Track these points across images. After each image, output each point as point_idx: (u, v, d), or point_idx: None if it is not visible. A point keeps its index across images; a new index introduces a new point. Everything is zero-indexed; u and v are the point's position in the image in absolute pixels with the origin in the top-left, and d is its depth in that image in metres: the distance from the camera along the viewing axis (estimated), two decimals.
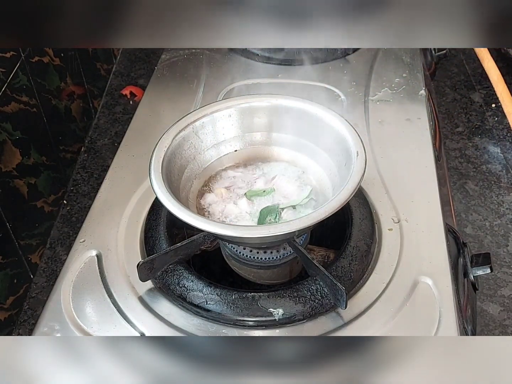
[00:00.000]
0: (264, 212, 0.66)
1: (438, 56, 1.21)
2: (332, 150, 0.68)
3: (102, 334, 0.63)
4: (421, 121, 0.91)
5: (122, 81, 1.48)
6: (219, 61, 1.08)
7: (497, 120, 1.47)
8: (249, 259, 0.67)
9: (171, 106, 0.97)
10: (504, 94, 1.08)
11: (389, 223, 0.74)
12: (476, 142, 1.42)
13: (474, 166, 1.35)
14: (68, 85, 1.21)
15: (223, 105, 0.71)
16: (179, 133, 0.68)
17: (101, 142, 1.31)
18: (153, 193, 0.62)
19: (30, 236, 1.02)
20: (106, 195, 0.80)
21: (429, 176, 0.81)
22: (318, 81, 1.01)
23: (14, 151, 0.97)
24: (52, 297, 0.67)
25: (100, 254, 0.72)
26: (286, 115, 0.71)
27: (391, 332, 0.62)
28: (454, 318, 0.63)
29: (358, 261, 0.67)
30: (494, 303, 1.07)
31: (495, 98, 1.42)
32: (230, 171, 0.72)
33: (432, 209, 0.76)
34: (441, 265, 0.68)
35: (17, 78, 0.98)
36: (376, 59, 1.06)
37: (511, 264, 1.14)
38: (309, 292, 0.64)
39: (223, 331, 0.63)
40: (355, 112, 0.94)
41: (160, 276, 0.67)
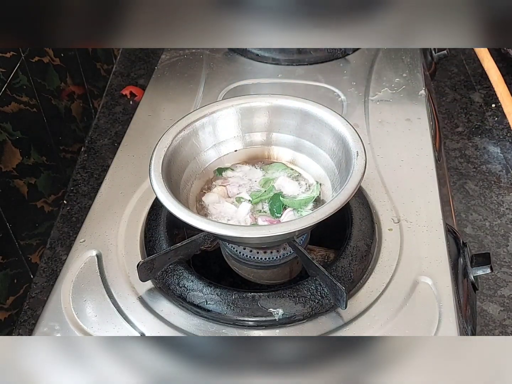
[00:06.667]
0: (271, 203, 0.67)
1: (438, 56, 1.21)
2: (332, 150, 0.68)
3: (102, 334, 0.63)
4: (421, 121, 0.91)
5: (122, 81, 1.48)
6: (219, 61, 1.08)
7: (497, 120, 1.47)
8: (249, 259, 0.67)
9: (171, 106, 0.97)
10: (504, 94, 1.08)
11: (389, 223, 0.74)
12: (476, 142, 1.42)
13: (474, 166, 1.35)
14: (68, 85, 1.21)
15: (223, 105, 0.71)
16: (179, 133, 0.67)
17: (101, 142, 1.31)
18: (153, 193, 0.62)
19: (30, 236, 1.02)
20: (106, 195, 0.80)
21: (429, 176, 0.81)
22: (318, 81, 1.01)
23: (14, 151, 0.97)
24: (52, 297, 0.67)
25: (100, 254, 0.72)
26: (286, 115, 0.71)
27: (391, 332, 0.62)
28: (454, 318, 0.63)
29: (358, 261, 0.67)
30: (494, 303, 1.07)
31: (495, 98, 1.42)
32: (230, 171, 0.72)
33: (432, 209, 0.76)
34: (441, 265, 0.68)
35: (17, 78, 0.98)
36: (376, 59, 1.06)
37: (511, 264, 1.14)
38: (309, 292, 0.64)
39: (223, 331, 0.63)
40: (355, 112, 0.94)
41: (160, 276, 0.67)
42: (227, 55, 1.10)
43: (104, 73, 1.45)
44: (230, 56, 1.09)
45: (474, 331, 0.73)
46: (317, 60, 1.05)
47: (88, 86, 1.33)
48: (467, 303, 0.73)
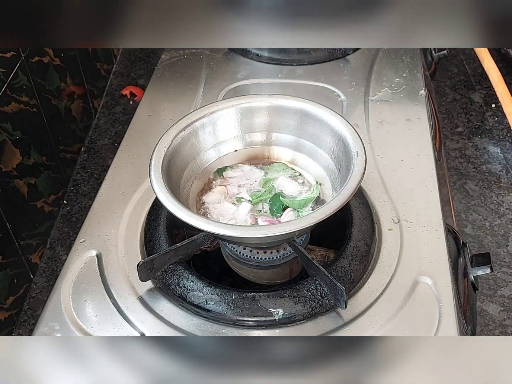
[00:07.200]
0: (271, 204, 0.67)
1: (438, 56, 1.21)
2: (332, 150, 0.68)
3: (102, 334, 0.63)
4: (421, 121, 0.91)
5: (122, 81, 1.48)
6: (219, 61, 1.08)
7: (497, 120, 1.47)
8: (249, 259, 0.67)
9: (171, 106, 0.97)
10: (504, 94, 1.08)
11: (389, 223, 0.74)
12: (476, 142, 1.42)
13: (474, 166, 1.35)
14: (68, 85, 1.21)
15: (223, 105, 0.71)
16: (179, 133, 0.67)
17: (101, 142, 1.31)
18: (153, 193, 0.62)
19: (30, 236, 1.02)
20: (106, 195, 0.80)
21: (429, 176, 0.81)
22: (318, 81, 1.01)
23: (14, 151, 0.97)
24: (52, 297, 0.67)
25: (100, 254, 0.72)
26: (286, 115, 0.71)
27: (391, 332, 0.62)
28: (454, 318, 0.63)
29: (358, 261, 0.67)
30: (494, 303, 1.07)
31: (495, 98, 1.42)
32: (230, 171, 0.72)
33: (432, 209, 0.76)
34: (441, 265, 0.68)
35: (17, 78, 0.98)
36: (376, 59, 1.06)
37: (511, 264, 1.14)
38: (309, 292, 0.64)
39: (223, 331, 0.63)
40: (355, 112, 0.94)
41: (160, 276, 0.67)
42: (227, 55, 1.10)
43: (104, 73, 1.45)
44: (230, 56, 1.09)
45: (474, 331, 0.73)
46: (317, 60, 1.05)
47: (88, 86, 1.33)
48: (467, 303, 0.73)
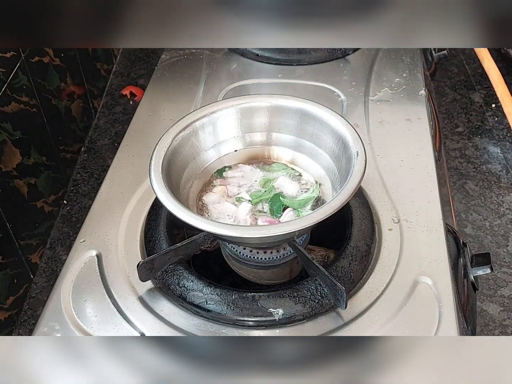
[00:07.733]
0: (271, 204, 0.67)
1: (438, 56, 1.21)
2: (332, 150, 0.68)
3: (102, 334, 0.63)
4: (421, 121, 0.91)
5: (122, 81, 1.48)
6: (219, 61, 1.08)
7: (497, 120, 1.47)
8: (249, 259, 0.67)
9: (171, 106, 0.97)
10: (504, 94, 1.08)
11: (389, 223, 0.74)
12: (476, 142, 1.42)
13: (474, 166, 1.35)
14: (68, 85, 1.21)
15: (223, 105, 0.71)
16: (179, 133, 0.67)
17: (101, 142, 1.31)
18: (153, 193, 0.62)
19: (30, 236, 1.02)
20: (106, 195, 0.80)
21: (429, 176, 0.81)
22: (318, 81, 1.01)
23: (14, 151, 0.97)
24: (52, 297, 0.67)
25: (100, 254, 0.72)
26: (286, 115, 0.71)
27: (391, 332, 0.62)
28: (454, 318, 0.63)
29: (358, 261, 0.67)
30: (494, 303, 1.07)
31: (495, 98, 1.42)
32: (230, 171, 0.72)
33: (432, 209, 0.76)
34: (441, 265, 0.68)
35: (17, 78, 0.98)
36: (376, 59, 1.06)
37: (511, 264, 1.14)
38: (309, 292, 0.64)
39: (223, 331, 0.63)
40: (355, 112, 0.94)
41: (160, 276, 0.67)
42: (227, 55, 1.10)
43: (104, 73, 1.45)
44: (230, 56, 1.09)
45: (474, 331, 0.73)
46: (317, 60, 1.05)
47: (88, 86, 1.33)
48: (467, 303, 0.73)
